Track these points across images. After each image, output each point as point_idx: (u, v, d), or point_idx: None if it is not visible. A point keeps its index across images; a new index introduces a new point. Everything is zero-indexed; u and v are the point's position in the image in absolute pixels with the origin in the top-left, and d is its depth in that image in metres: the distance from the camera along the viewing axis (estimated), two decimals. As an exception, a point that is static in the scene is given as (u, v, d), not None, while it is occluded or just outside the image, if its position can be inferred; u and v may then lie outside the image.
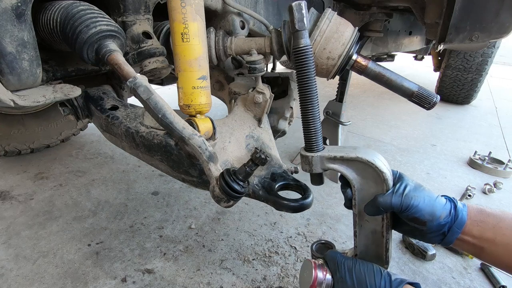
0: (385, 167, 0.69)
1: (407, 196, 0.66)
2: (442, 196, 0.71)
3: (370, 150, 0.73)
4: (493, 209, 0.70)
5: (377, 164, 0.68)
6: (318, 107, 0.74)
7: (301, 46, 0.70)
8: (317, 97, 0.74)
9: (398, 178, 0.71)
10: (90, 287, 1.12)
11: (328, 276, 0.75)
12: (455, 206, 0.68)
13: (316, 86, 0.73)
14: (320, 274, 0.74)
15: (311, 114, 0.73)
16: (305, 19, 0.69)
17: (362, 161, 0.69)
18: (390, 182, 0.69)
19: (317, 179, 0.78)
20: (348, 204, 0.76)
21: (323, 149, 0.75)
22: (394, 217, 0.74)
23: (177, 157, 0.78)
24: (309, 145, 0.74)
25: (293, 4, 0.69)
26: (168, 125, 0.67)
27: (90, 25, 0.69)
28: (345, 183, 0.75)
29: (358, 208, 0.74)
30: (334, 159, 0.73)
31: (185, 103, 0.74)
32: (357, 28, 0.85)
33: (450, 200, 0.70)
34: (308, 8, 0.79)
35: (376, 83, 0.91)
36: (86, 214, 1.50)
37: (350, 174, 0.72)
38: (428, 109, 0.90)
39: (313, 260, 0.78)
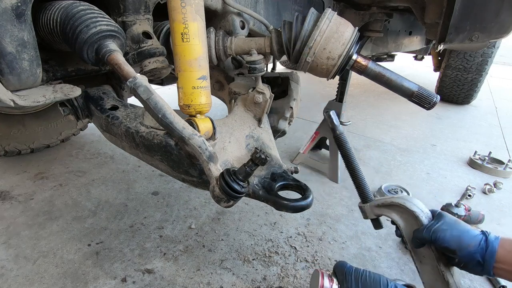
0: (416, 206, 0.83)
1: (437, 229, 0.76)
2: (479, 230, 0.78)
3: (407, 196, 0.89)
4: None
5: (407, 204, 0.83)
6: (360, 169, 1.00)
7: (341, 135, 1.01)
8: (357, 163, 1.00)
9: (437, 215, 0.82)
10: (90, 287, 1.12)
11: (335, 286, 0.80)
12: (486, 238, 0.75)
13: (354, 158, 1.01)
14: (326, 283, 0.80)
15: (357, 176, 0.99)
16: (338, 124, 1.01)
17: (397, 204, 0.85)
18: (424, 219, 0.81)
19: (375, 224, 0.95)
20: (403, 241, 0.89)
21: (372, 199, 0.94)
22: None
23: (177, 157, 0.78)
24: (361, 198, 0.98)
25: (329, 113, 0.93)
26: (168, 125, 0.67)
27: (90, 25, 0.69)
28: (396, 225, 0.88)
29: (410, 245, 0.84)
30: (379, 206, 0.90)
31: (185, 103, 0.74)
32: (357, 28, 0.85)
33: (483, 232, 0.77)
34: (308, 8, 0.80)
35: (376, 83, 0.92)
36: (86, 214, 1.50)
37: (394, 216, 0.86)
38: (428, 109, 0.90)
39: (322, 270, 0.84)
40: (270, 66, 1.24)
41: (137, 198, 1.64)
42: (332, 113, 1.02)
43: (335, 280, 0.82)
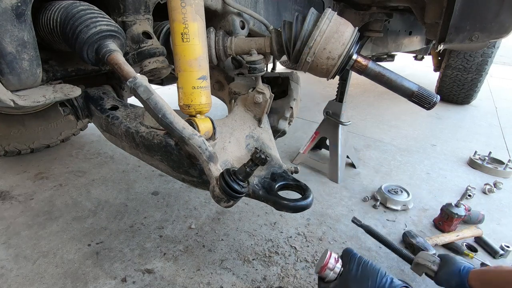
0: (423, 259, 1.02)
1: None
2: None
3: (420, 254, 1.06)
4: (498, 269, 0.85)
5: (419, 261, 1.03)
6: (395, 245, 1.17)
7: (370, 228, 1.25)
8: (393, 242, 1.19)
9: (443, 260, 0.98)
10: (90, 287, 1.12)
11: (339, 265, 0.88)
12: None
13: (389, 240, 1.20)
14: (332, 260, 0.88)
15: (396, 250, 1.16)
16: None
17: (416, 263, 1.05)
18: (434, 267, 0.98)
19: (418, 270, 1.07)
20: None
21: (412, 258, 1.09)
22: None
23: (177, 157, 0.78)
24: (407, 260, 1.12)
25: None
26: (168, 125, 0.67)
27: (90, 25, 0.69)
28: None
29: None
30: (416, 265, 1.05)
31: (185, 103, 0.73)
32: (357, 28, 0.85)
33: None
34: (308, 8, 0.80)
35: (376, 83, 0.92)
36: (86, 214, 1.50)
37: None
38: (428, 109, 0.90)
39: (332, 251, 0.92)
40: (270, 66, 1.24)
41: (137, 198, 1.64)
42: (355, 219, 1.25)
43: (340, 261, 0.90)
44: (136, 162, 1.99)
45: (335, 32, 0.81)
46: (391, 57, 2.81)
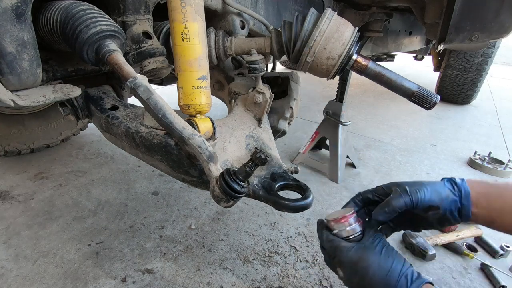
0: None
1: (413, 192, 0.71)
2: (440, 180, 0.75)
3: None
4: (492, 181, 0.73)
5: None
6: None
7: None
8: None
9: (394, 185, 0.77)
10: (90, 287, 1.12)
11: (358, 228, 0.72)
12: (454, 182, 0.72)
13: None
14: (353, 219, 0.72)
15: None
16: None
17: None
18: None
19: None
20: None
21: None
22: (410, 220, 0.78)
23: (177, 157, 0.78)
24: None
25: None
26: (168, 125, 0.67)
27: (90, 25, 0.69)
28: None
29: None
30: None
31: (185, 103, 0.73)
32: (357, 28, 0.85)
33: (447, 179, 0.73)
34: (308, 8, 0.80)
35: (376, 83, 0.92)
36: (86, 214, 1.50)
37: None
38: (428, 109, 0.90)
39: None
40: (270, 66, 1.24)
41: (137, 198, 1.63)
42: None
43: (363, 226, 0.74)
44: (136, 162, 1.98)
45: (335, 32, 0.81)
46: (391, 57, 2.81)
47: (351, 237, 0.71)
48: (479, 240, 1.42)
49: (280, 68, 5.03)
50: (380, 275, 0.65)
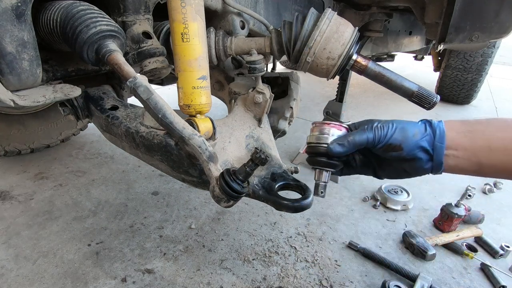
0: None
1: (377, 128, 0.65)
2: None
3: None
4: (475, 119, 0.64)
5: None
6: None
7: None
8: None
9: (366, 121, 0.71)
10: (90, 287, 1.12)
11: (343, 131, 0.71)
12: (430, 122, 0.64)
13: None
14: (340, 129, 0.71)
15: None
16: None
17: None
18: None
19: None
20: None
21: None
22: (377, 163, 0.73)
23: (177, 157, 0.78)
24: None
25: None
26: (168, 125, 0.67)
27: (90, 25, 0.69)
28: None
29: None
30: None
31: (185, 103, 0.73)
32: (357, 28, 0.85)
33: (424, 120, 0.66)
34: (308, 8, 0.80)
35: (376, 83, 0.91)
36: (86, 214, 1.50)
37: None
38: (428, 109, 0.90)
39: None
40: (270, 66, 1.24)
41: (137, 198, 1.63)
42: None
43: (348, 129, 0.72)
44: (136, 162, 1.98)
45: (335, 32, 0.81)
46: (391, 57, 2.81)
47: (321, 144, 0.70)
48: (479, 240, 1.42)
49: (280, 68, 5.03)
50: None
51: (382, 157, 0.68)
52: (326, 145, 0.70)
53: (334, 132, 0.71)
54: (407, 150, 0.61)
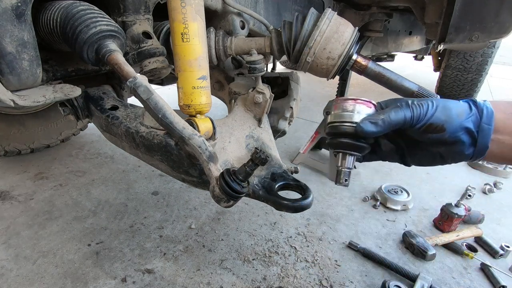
0: None
1: (414, 105, 0.56)
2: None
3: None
4: None
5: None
6: None
7: None
8: None
9: (396, 99, 0.62)
10: (90, 287, 1.12)
11: (373, 108, 0.61)
12: (475, 101, 0.55)
13: None
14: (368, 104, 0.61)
15: None
16: None
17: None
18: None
19: None
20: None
21: None
22: (407, 147, 0.64)
23: (177, 157, 0.78)
24: None
25: None
26: (168, 125, 0.67)
27: (90, 25, 0.69)
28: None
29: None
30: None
31: (185, 103, 0.73)
32: (357, 28, 0.85)
33: (468, 99, 0.57)
34: (308, 8, 0.80)
35: (376, 83, 0.92)
36: (86, 214, 1.50)
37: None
38: (428, 109, 0.89)
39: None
40: (270, 66, 1.24)
41: (137, 198, 1.63)
42: None
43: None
44: (136, 162, 1.98)
45: (335, 32, 0.81)
46: (391, 57, 2.81)
47: (346, 123, 0.62)
48: (479, 240, 1.42)
49: (280, 68, 5.03)
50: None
51: (415, 140, 0.59)
52: (353, 124, 0.60)
53: (361, 109, 0.61)
54: (450, 132, 0.53)
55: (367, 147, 0.63)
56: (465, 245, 1.38)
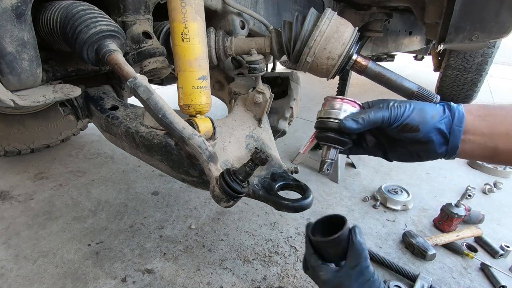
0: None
1: (393, 107, 0.62)
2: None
3: None
4: (496, 104, 0.61)
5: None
6: None
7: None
8: None
9: (381, 100, 0.67)
10: (90, 287, 1.12)
11: (357, 108, 0.67)
12: (449, 105, 0.62)
13: None
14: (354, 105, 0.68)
15: None
16: None
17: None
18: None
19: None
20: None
21: None
22: (388, 144, 0.70)
23: (177, 157, 0.78)
24: None
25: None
26: (168, 125, 0.67)
27: (90, 25, 0.69)
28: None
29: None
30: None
31: (185, 103, 0.73)
32: (357, 28, 0.85)
33: (443, 103, 0.63)
34: (308, 8, 0.80)
35: (376, 83, 0.92)
36: (86, 214, 1.50)
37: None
38: (428, 109, 0.89)
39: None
40: (270, 66, 1.24)
41: (137, 198, 1.63)
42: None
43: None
44: (136, 162, 1.98)
45: (335, 32, 0.81)
46: (391, 57, 2.81)
47: (332, 119, 0.67)
48: (479, 240, 1.42)
49: (280, 68, 5.03)
50: None
51: (394, 139, 0.66)
52: (337, 120, 0.66)
53: (347, 108, 0.67)
54: (424, 132, 0.59)
55: (349, 142, 0.69)
56: (465, 245, 1.38)
